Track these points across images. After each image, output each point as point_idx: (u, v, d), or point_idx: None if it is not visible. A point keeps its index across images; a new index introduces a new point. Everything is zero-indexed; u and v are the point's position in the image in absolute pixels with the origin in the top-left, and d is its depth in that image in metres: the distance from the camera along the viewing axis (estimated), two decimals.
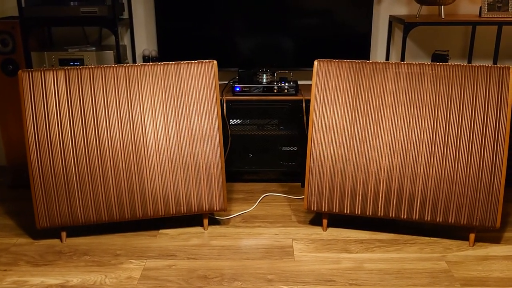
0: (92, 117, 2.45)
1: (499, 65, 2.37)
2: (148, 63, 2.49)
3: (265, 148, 3.16)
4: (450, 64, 2.42)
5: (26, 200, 2.98)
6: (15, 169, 3.21)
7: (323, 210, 2.58)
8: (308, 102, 2.98)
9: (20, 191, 3.15)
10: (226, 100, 3.03)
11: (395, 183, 2.47)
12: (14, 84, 3.01)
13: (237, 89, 3.06)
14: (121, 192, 2.50)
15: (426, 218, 2.47)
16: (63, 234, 2.55)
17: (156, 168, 2.51)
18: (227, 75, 3.33)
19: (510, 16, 3.02)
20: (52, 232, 2.61)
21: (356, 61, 2.50)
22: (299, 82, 3.24)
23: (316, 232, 2.64)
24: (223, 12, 3.18)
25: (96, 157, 2.46)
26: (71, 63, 3.01)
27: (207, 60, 2.52)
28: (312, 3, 3.15)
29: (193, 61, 2.52)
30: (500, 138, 2.36)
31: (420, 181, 2.45)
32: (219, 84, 2.75)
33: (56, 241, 2.56)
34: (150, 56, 3.33)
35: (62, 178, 2.45)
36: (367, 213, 2.53)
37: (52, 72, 2.41)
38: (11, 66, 3.01)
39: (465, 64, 2.40)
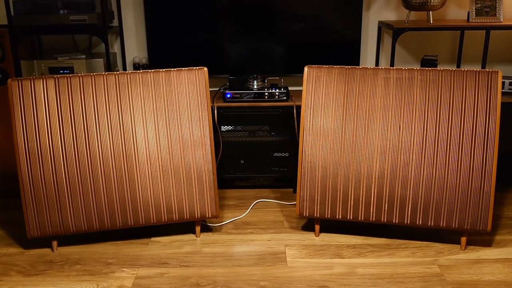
0: (83, 125, 2.44)
1: (487, 70, 2.39)
2: (138, 71, 2.49)
3: (256, 154, 3.16)
4: (439, 69, 2.44)
5: (16, 209, 2.96)
6: (4, 178, 3.19)
7: (315, 215, 2.58)
8: (299, 108, 2.99)
9: (10, 200, 3.13)
10: (217, 107, 3.03)
11: (386, 188, 2.48)
12: (4, 93, 2.99)
13: (228, 95, 3.07)
14: (112, 200, 2.49)
15: (417, 222, 2.48)
16: (54, 243, 2.54)
17: (147, 175, 2.51)
18: (218, 82, 3.34)
19: (497, 20, 3.06)
20: (43, 242, 2.59)
21: (346, 66, 2.51)
22: (289, 88, 3.24)
23: (309, 237, 2.64)
24: (213, 19, 3.18)
25: (87, 165, 2.45)
26: (61, 72, 3.00)
27: (197, 67, 2.52)
28: (302, 10, 3.17)
29: (183, 68, 2.52)
30: (489, 141, 2.38)
31: (411, 186, 2.46)
32: (210, 91, 2.76)
33: (47, 251, 2.54)
34: (141, 63, 3.33)
35: (53, 187, 2.43)
36: (359, 218, 2.54)
37: (42, 81, 2.40)
38: (0, 75, 3.00)
39: (454, 69, 2.42)
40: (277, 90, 3.06)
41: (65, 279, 2.31)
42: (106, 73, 2.46)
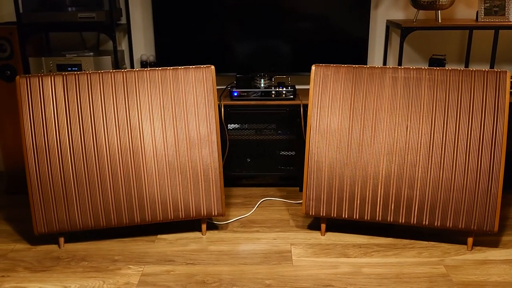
0: (90, 123, 2.45)
1: (496, 69, 2.37)
2: (146, 69, 2.49)
3: (263, 153, 3.16)
4: (447, 68, 2.43)
5: (24, 206, 2.97)
6: (12, 175, 3.20)
7: (321, 214, 2.58)
8: (306, 106, 2.98)
9: (17, 197, 3.15)
10: (224, 105, 3.03)
11: (393, 187, 2.47)
12: (12, 89, 3.01)
13: (235, 94, 3.07)
14: (119, 198, 2.50)
15: (424, 222, 2.47)
16: (61, 239, 2.55)
17: (154, 173, 2.51)
18: (225, 80, 3.34)
19: (506, 20, 3.04)
20: (50, 238, 2.60)
21: (354, 65, 2.50)
22: (296, 87, 3.24)
23: (315, 236, 2.64)
24: (221, 17, 3.18)
25: (94, 162, 2.46)
26: (68, 69, 3.01)
27: (205, 65, 2.53)
28: (310, 8, 3.16)
29: (191, 66, 2.52)
30: (497, 141, 2.37)
31: (418, 186, 2.45)
32: (217, 89, 2.76)
33: (54, 247, 2.56)
34: (148, 61, 3.34)
35: (60, 184, 2.44)
36: (365, 218, 2.53)
37: (49, 78, 2.41)
38: (8, 72, 3.01)
39: (462, 69, 2.40)
40: (284, 89, 3.06)
41: (71, 275, 2.32)
42: (113, 70, 2.46)
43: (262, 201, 3.07)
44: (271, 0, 3.15)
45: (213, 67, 2.53)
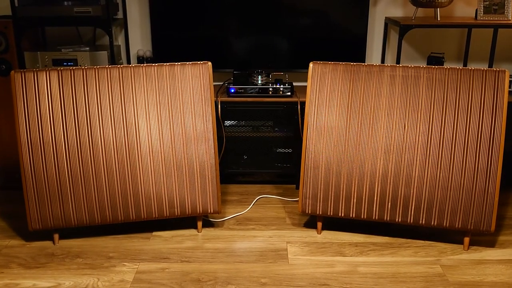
0: (85, 118, 2.43)
1: (494, 69, 2.36)
2: (142, 64, 2.47)
3: (260, 150, 3.15)
4: (445, 67, 2.41)
5: (18, 201, 2.95)
6: (6, 170, 3.18)
7: (317, 213, 2.57)
8: (303, 104, 2.97)
9: (12, 192, 3.12)
10: (220, 102, 3.02)
11: (390, 186, 2.46)
12: (7, 84, 2.98)
13: (232, 90, 3.05)
14: (114, 194, 2.48)
15: (421, 221, 2.46)
16: (56, 236, 2.53)
17: (149, 169, 2.50)
18: (222, 76, 3.32)
19: (506, 19, 3.02)
20: (45, 234, 2.58)
21: (352, 63, 2.49)
22: (294, 84, 3.22)
23: (311, 235, 2.63)
24: (218, 13, 3.16)
25: (89, 158, 2.44)
26: (64, 64, 2.99)
27: (201, 62, 2.51)
28: (308, 5, 3.14)
29: (187, 62, 2.50)
30: (495, 141, 2.36)
31: (415, 185, 2.44)
32: (214, 85, 2.74)
33: (48, 243, 2.54)
34: (145, 56, 3.32)
35: (55, 180, 2.43)
36: (362, 216, 2.52)
37: (45, 73, 2.39)
38: (4, 66, 2.99)
39: (460, 68, 2.39)
40: (282, 86, 3.04)
41: (66, 272, 2.30)
42: (109, 66, 2.44)
43: (258, 198, 3.06)
44: None
45: (210, 63, 2.51)
